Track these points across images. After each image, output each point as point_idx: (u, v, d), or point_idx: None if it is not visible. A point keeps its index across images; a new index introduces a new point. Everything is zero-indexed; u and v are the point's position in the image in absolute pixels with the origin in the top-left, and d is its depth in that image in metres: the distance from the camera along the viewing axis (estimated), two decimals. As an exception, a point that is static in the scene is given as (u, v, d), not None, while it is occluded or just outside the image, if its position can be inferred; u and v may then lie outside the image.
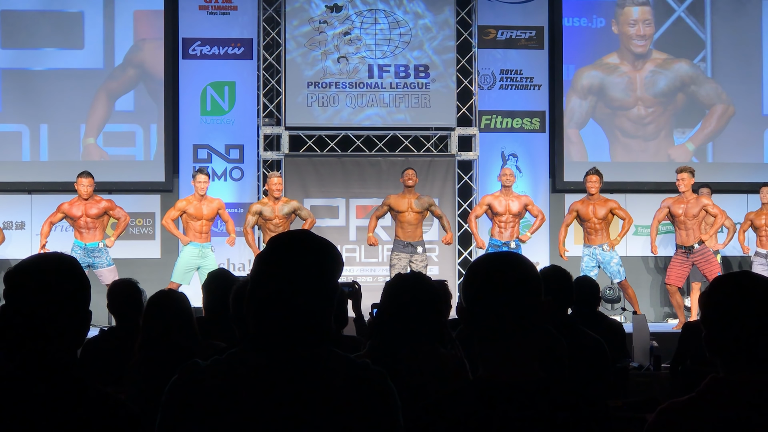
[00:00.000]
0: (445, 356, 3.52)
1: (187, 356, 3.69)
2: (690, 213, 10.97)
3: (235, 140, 12.55)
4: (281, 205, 10.85)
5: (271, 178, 10.86)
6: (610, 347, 4.66)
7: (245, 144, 12.56)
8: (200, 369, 2.06)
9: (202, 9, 12.54)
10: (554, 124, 12.93)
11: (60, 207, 10.74)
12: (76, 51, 12.36)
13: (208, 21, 12.53)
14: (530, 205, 11.32)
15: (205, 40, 12.50)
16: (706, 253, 10.94)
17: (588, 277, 6.74)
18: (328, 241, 2.18)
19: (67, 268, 2.19)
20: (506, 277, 2.16)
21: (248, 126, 12.56)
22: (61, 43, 12.33)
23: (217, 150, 12.50)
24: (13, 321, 2.13)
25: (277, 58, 12.49)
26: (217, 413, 2.01)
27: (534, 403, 2.09)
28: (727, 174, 12.96)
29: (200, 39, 12.50)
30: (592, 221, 11.06)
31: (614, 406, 4.42)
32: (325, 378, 2.04)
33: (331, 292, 2.13)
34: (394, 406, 2.09)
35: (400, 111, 12.50)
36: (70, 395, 2.09)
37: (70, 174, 11.22)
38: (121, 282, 5.55)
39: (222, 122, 12.51)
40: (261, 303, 2.09)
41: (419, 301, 3.54)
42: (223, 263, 11.90)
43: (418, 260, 10.83)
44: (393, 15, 12.55)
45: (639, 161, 12.95)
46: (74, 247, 10.63)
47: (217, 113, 12.51)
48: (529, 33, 12.92)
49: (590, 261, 11.04)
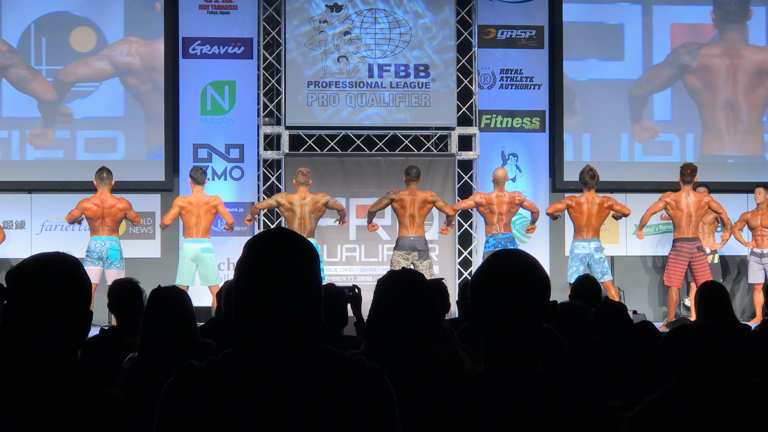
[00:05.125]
0: (438, 353, 3.51)
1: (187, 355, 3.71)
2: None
3: (235, 140, 12.55)
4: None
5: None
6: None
7: (245, 143, 12.56)
8: (196, 370, 2.06)
9: (202, 8, 12.53)
10: (554, 124, 12.93)
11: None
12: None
13: (208, 20, 12.52)
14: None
15: (205, 40, 12.49)
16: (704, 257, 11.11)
17: (590, 276, 6.75)
18: (299, 235, 2.18)
19: (68, 268, 2.19)
20: (512, 275, 2.17)
21: (248, 125, 12.56)
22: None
23: (217, 149, 12.50)
24: (14, 320, 2.13)
25: (277, 57, 12.49)
26: (214, 414, 2.01)
27: (537, 398, 2.10)
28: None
29: (200, 38, 12.50)
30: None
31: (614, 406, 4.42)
32: (321, 376, 2.04)
33: (314, 284, 2.13)
34: (391, 403, 2.09)
35: (400, 110, 12.50)
36: (71, 395, 2.09)
37: (64, 174, 11.23)
38: (122, 282, 5.55)
39: (222, 122, 12.51)
40: (247, 307, 2.10)
41: (412, 297, 3.53)
42: (223, 263, 11.92)
43: (424, 267, 10.78)
44: (393, 14, 12.55)
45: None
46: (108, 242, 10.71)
47: (217, 113, 12.51)
48: (529, 32, 12.92)
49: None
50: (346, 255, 12.38)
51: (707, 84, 13.13)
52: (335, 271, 12.18)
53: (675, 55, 13.14)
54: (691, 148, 13.10)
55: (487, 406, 2.09)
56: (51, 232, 12.08)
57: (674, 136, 13.12)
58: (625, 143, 13.03)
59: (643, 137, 13.03)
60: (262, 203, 11.26)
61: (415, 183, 11.03)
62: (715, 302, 5.89)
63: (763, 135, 13.17)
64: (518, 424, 2.08)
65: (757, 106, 13.15)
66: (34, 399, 2.07)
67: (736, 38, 13.19)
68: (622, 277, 12.80)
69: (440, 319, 3.71)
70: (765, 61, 13.20)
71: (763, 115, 13.17)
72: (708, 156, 12.95)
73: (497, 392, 2.11)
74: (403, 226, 11.01)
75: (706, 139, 13.10)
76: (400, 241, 11.01)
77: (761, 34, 13.26)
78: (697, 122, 13.10)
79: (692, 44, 13.17)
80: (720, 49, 13.18)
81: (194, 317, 4.43)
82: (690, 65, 13.12)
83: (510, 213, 11.25)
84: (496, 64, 12.90)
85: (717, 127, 13.10)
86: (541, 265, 2.23)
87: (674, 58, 13.14)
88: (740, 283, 13.17)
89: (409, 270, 3.76)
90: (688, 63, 13.12)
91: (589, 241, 11.02)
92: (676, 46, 13.15)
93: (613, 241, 12.69)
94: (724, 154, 13.06)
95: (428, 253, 11.13)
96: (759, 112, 13.17)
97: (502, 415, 2.08)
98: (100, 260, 10.65)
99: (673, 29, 13.18)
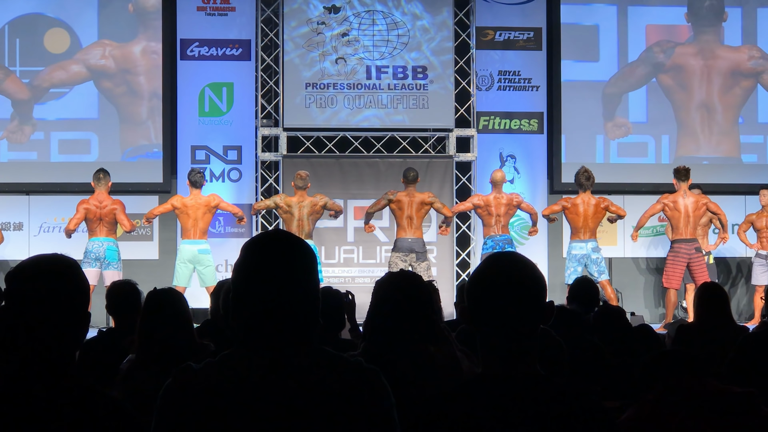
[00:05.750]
0: (436, 354, 3.51)
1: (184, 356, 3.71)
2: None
3: (233, 141, 12.55)
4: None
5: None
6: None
7: (243, 145, 12.56)
8: (194, 371, 2.07)
9: (200, 10, 12.54)
10: (552, 126, 12.94)
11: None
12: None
13: (206, 22, 12.53)
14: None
15: (203, 41, 12.50)
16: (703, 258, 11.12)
17: (588, 278, 6.76)
18: (296, 236, 2.18)
19: (65, 269, 2.20)
20: (509, 277, 2.18)
21: (246, 127, 12.56)
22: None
23: (215, 151, 12.50)
24: (12, 322, 2.13)
25: (275, 59, 12.49)
26: (212, 415, 2.01)
27: (534, 400, 2.11)
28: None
29: (198, 40, 12.50)
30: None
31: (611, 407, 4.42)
32: (318, 377, 2.05)
33: (312, 285, 2.13)
34: (388, 403, 2.09)
35: (398, 112, 12.51)
36: (69, 396, 2.10)
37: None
38: (120, 283, 5.55)
39: (220, 123, 12.51)
40: (244, 308, 2.10)
41: (410, 299, 3.53)
42: (221, 264, 11.91)
43: (422, 269, 10.78)
44: (391, 16, 12.55)
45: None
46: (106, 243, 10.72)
47: (215, 114, 12.51)
48: (527, 34, 12.92)
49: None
50: (344, 256, 12.38)
51: (682, 84, 13.11)
52: (333, 273, 12.18)
53: (649, 53, 13.12)
54: (667, 149, 13.09)
55: (485, 409, 2.10)
56: (49, 234, 12.07)
57: (649, 137, 13.12)
58: (600, 145, 13.03)
59: (616, 134, 13.01)
60: (260, 203, 11.26)
61: (413, 185, 11.04)
62: (713, 304, 5.90)
63: (739, 136, 13.14)
64: (516, 426, 2.08)
65: (732, 108, 13.12)
66: (32, 400, 2.07)
67: (711, 39, 13.17)
68: (620, 279, 12.80)
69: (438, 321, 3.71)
70: (740, 62, 13.15)
71: (739, 117, 13.15)
72: (683, 158, 12.92)
73: (495, 394, 2.12)
74: (401, 227, 11.01)
75: (681, 141, 13.08)
76: (398, 243, 11.01)
77: (736, 35, 13.24)
78: (672, 124, 13.08)
79: (667, 42, 13.15)
80: (695, 49, 13.15)
81: (191, 319, 4.42)
82: (665, 64, 13.10)
83: (508, 215, 11.26)
84: (494, 65, 12.90)
85: (692, 128, 13.08)
86: (537, 267, 2.24)
87: (648, 56, 13.12)
88: (738, 285, 13.18)
89: (407, 272, 3.75)
90: (663, 61, 13.10)
91: (586, 242, 11.03)
92: (651, 44, 13.13)
93: (611, 242, 12.70)
94: (700, 155, 13.01)
95: (426, 254, 11.13)
96: (734, 114, 13.14)
97: (500, 417, 2.09)
98: (97, 261, 10.65)
99: (649, 30, 13.17)
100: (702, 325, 5.88)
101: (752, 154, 13.14)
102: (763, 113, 13.17)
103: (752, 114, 13.16)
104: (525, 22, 12.90)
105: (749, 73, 13.17)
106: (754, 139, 13.17)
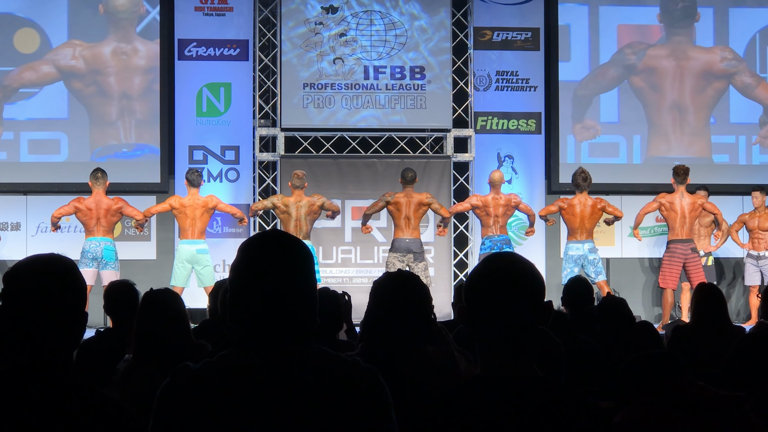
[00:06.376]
0: (434, 354, 3.51)
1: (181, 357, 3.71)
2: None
3: (231, 141, 12.55)
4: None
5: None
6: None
7: (241, 145, 12.56)
8: (192, 371, 2.07)
9: (197, 10, 12.53)
10: (550, 126, 12.94)
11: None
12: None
13: (203, 22, 12.52)
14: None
15: (201, 42, 12.49)
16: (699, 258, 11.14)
17: (581, 277, 6.77)
18: (293, 236, 2.18)
19: (63, 269, 2.20)
20: (507, 277, 2.18)
21: (244, 127, 12.56)
22: None
23: (213, 151, 12.50)
24: (9, 322, 2.13)
25: (272, 59, 12.49)
26: (210, 415, 2.01)
27: (532, 401, 2.11)
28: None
29: (196, 40, 12.49)
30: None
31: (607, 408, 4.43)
32: (316, 376, 2.05)
33: (309, 285, 2.13)
34: (386, 403, 2.09)
35: (395, 112, 12.51)
36: (66, 396, 2.10)
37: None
38: (118, 283, 5.55)
39: (218, 123, 12.50)
40: (241, 308, 2.10)
41: (408, 299, 3.53)
42: (219, 264, 11.91)
43: (420, 269, 10.78)
44: (389, 16, 12.55)
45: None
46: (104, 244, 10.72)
47: (212, 114, 12.50)
48: (525, 34, 12.92)
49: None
50: (341, 257, 12.38)
51: (654, 86, 13.10)
52: (331, 273, 12.18)
53: (621, 54, 13.12)
54: (638, 149, 13.10)
55: (482, 410, 2.10)
56: (46, 234, 12.05)
57: (621, 137, 13.12)
58: (572, 145, 13.04)
59: (584, 136, 13.01)
60: (258, 204, 11.26)
61: (411, 185, 11.03)
62: (710, 304, 5.90)
63: (710, 137, 13.14)
64: (514, 427, 2.08)
65: (704, 108, 13.12)
66: (30, 400, 2.07)
67: (683, 40, 13.16)
68: (618, 279, 12.80)
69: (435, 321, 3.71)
70: (712, 63, 13.14)
71: (710, 117, 13.15)
72: (654, 158, 12.95)
73: (493, 396, 2.12)
74: (398, 228, 11.01)
75: (652, 141, 13.08)
76: (396, 243, 11.01)
77: (708, 34, 13.25)
78: (644, 124, 13.08)
79: (638, 44, 13.15)
80: (667, 50, 13.15)
81: (187, 319, 4.43)
82: (636, 65, 13.09)
83: (506, 215, 11.26)
84: (491, 65, 12.90)
85: (663, 128, 13.08)
86: (535, 267, 2.24)
87: (620, 57, 13.11)
88: (735, 286, 13.19)
89: (404, 272, 3.75)
90: (635, 63, 13.09)
91: (583, 243, 11.03)
92: (622, 46, 13.14)
93: (608, 243, 12.70)
94: (671, 156, 12.97)
95: (424, 255, 11.13)
96: (706, 114, 13.14)
97: (498, 419, 2.09)
98: (94, 261, 10.64)
99: (620, 30, 13.17)
100: (698, 325, 5.88)
101: (724, 155, 13.13)
102: (735, 114, 13.18)
103: (724, 114, 13.17)
104: (523, 22, 12.90)
105: (721, 75, 13.16)
106: (726, 140, 13.17)
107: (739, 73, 13.15)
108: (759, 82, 13.18)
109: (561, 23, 13.05)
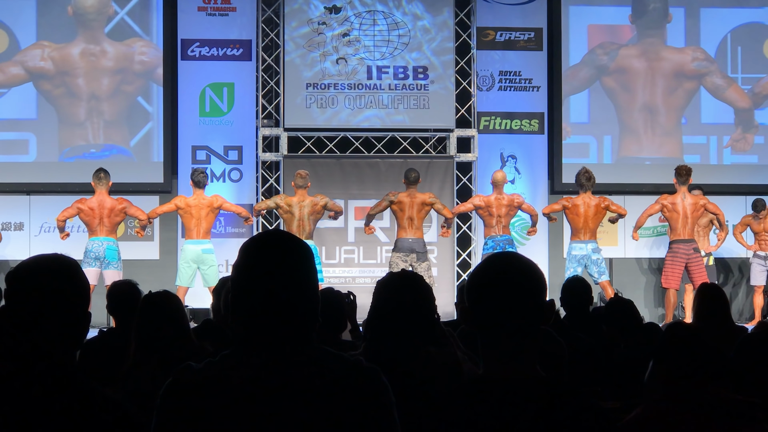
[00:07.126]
0: (437, 355, 3.51)
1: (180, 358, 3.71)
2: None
3: (234, 141, 12.56)
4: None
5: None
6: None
7: (244, 145, 12.57)
8: (194, 371, 2.07)
9: (201, 10, 12.54)
10: (553, 126, 12.94)
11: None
12: None
13: (207, 22, 12.53)
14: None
15: (204, 42, 12.50)
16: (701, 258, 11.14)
17: (579, 277, 6.77)
18: (295, 236, 2.19)
19: (65, 269, 2.20)
20: (509, 277, 2.18)
21: (247, 127, 12.57)
22: None
23: (216, 151, 12.51)
24: (12, 322, 2.13)
25: (276, 59, 12.49)
26: (212, 415, 2.02)
27: (535, 401, 2.11)
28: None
29: (199, 40, 12.50)
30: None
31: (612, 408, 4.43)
32: (318, 376, 2.05)
33: (310, 285, 2.14)
34: (389, 403, 2.09)
35: (398, 112, 12.51)
36: (69, 396, 2.10)
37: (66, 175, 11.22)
38: (121, 283, 5.55)
39: (221, 123, 12.52)
40: (243, 308, 2.10)
41: (411, 299, 3.52)
42: (222, 264, 11.91)
43: (423, 269, 10.78)
44: (392, 16, 12.56)
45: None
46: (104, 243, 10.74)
47: (215, 114, 12.51)
48: (528, 34, 12.92)
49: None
50: (344, 257, 12.38)
51: (625, 86, 13.10)
52: (334, 273, 12.18)
53: (592, 55, 13.11)
54: (609, 150, 13.10)
55: (485, 410, 2.10)
56: (49, 234, 12.07)
57: (591, 138, 13.12)
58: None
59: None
60: (261, 204, 11.26)
61: (414, 185, 11.03)
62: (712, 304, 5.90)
63: (682, 137, 13.14)
64: (516, 427, 2.08)
65: (675, 109, 13.11)
66: (33, 400, 2.08)
67: (655, 41, 13.14)
68: (620, 279, 12.80)
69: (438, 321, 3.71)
70: (684, 64, 13.13)
71: (682, 118, 13.14)
72: (625, 158, 12.95)
73: (495, 396, 2.12)
74: (401, 228, 11.01)
75: (623, 142, 13.08)
76: (399, 243, 11.01)
77: (680, 34, 13.23)
78: (615, 124, 13.08)
79: (610, 44, 13.15)
80: (638, 50, 13.14)
81: (187, 320, 4.43)
82: (608, 66, 13.09)
83: (509, 215, 11.26)
84: (494, 65, 12.90)
85: (635, 129, 13.07)
86: (537, 266, 2.23)
87: (591, 58, 13.11)
88: (738, 286, 13.18)
89: (408, 272, 3.75)
90: (606, 64, 13.09)
91: (586, 243, 11.03)
92: (593, 46, 13.13)
93: (611, 243, 12.69)
94: (642, 156, 13.01)
95: (427, 255, 11.13)
96: (677, 115, 13.13)
97: (500, 418, 2.09)
98: (97, 261, 10.65)
99: (591, 30, 13.17)
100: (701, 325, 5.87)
101: (695, 155, 13.10)
102: (706, 114, 13.17)
103: (695, 115, 13.16)
104: (526, 22, 12.90)
105: (693, 75, 13.16)
106: (697, 140, 13.17)
107: (710, 74, 13.16)
108: (729, 83, 13.18)
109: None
